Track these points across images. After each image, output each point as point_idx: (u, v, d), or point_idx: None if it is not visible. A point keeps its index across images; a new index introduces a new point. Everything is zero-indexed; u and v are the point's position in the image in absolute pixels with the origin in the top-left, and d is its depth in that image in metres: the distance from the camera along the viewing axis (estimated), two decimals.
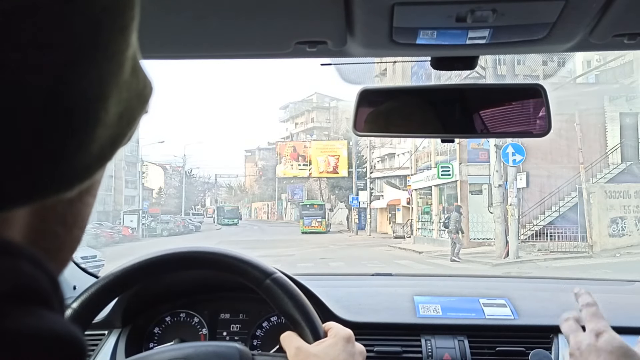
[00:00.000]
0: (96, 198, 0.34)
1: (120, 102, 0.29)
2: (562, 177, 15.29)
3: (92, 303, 0.86)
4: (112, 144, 0.30)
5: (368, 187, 26.76)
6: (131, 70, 0.30)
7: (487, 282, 1.67)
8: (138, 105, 0.31)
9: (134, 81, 0.30)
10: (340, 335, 0.80)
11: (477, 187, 16.35)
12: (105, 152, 0.29)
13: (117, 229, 24.51)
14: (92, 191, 0.33)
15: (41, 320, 0.25)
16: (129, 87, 0.30)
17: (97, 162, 0.29)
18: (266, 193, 48.83)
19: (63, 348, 0.25)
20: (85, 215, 0.33)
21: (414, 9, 0.65)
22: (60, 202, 0.29)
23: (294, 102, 50.21)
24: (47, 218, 0.30)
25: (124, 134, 0.31)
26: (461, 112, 0.93)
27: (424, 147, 19.90)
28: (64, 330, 0.25)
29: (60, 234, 0.31)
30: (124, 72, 0.29)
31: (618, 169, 15.36)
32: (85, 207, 0.33)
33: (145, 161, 38.87)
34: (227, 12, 0.69)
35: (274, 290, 0.84)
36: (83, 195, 0.32)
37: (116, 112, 0.29)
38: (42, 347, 0.24)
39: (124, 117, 0.30)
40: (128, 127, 0.31)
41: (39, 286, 0.26)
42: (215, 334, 1.26)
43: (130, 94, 0.30)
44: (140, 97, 0.31)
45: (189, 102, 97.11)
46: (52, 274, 0.27)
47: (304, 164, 30.74)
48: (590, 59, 19.45)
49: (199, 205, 49.86)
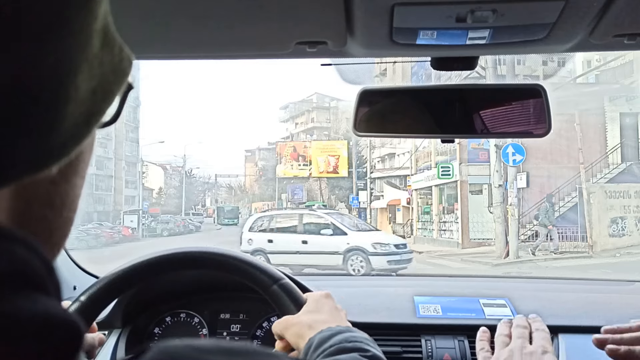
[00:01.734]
0: (85, 179, 0.33)
1: (93, 78, 0.28)
2: (562, 177, 15.28)
3: (93, 302, 0.86)
4: (88, 120, 0.29)
5: (368, 187, 26.76)
6: (102, 44, 0.29)
7: (487, 282, 1.67)
8: (115, 80, 0.31)
9: (106, 55, 0.29)
10: (317, 294, 0.84)
11: (477, 187, 16.34)
12: (80, 129, 0.29)
13: (117, 229, 24.48)
14: (79, 171, 0.32)
15: (36, 304, 0.24)
16: (101, 61, 0.29)
17: (73, 140, 0.28)
18: (266, 193, 48.79)
19: (59, 332, 0.25)
20: (74, 196, 0.32)
21: (414, 9, 0.65)
22: (41, 182, 0.29)
23: (294, 102, 50.19)
24: (31, 200, 0.29)
25: (99, 110, 0.30)
26: (461, 113, 0.93)
27: (424, 147, 19.90)
28: (59, 314, 0.25)
29: (49, 217, 0.30)
30: (93, 45, 0.28)
31: (618, 169, 15.36)
32: (73, 188, 0.32)
33: (145, 161, 38.86)
34: (227, 13, 0.69)
35: (281, 296, 0.85)
36: (68, 175, 0.31)
37: (88, 88, 0.28)
38: (37, 331, 0.24)
39: (98, 92, 0.29)
40: (104, 102, 0.30)
41: (33, 270, 0.25)
42: (215, 334, 1.26)
43: (103, 69, 0.29)
44: (116, 72, 0.31)
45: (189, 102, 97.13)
46: (46, 258, 0.26)
47: (304, 164, 30.73)
48: (590, 59, 19.44)
49: (199, 205, 49.84)
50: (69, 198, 0.32)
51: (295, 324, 0.77)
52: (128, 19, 0.69)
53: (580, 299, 1.38)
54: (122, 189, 36.02)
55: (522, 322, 0.84)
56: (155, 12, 0.69)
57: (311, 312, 0.79)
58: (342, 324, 0.77)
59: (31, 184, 0.28)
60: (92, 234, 20.27)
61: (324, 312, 0.79)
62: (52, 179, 0.29)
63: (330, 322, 0.76)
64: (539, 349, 0.77)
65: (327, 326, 0.74)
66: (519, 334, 0.80)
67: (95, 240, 19.62)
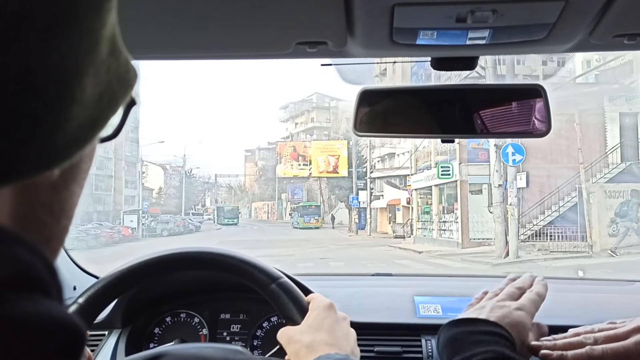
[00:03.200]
0: (83, 189, 0.33)
1: (99, 83, 0.29)
2: (562, 177, 15.28)
3: (93, 303, 0.86)
4: (92, 125, 0.29)
5: (368, 187, 26.77)
6: (109, 51, 0.29)
7: (487, 282, 1.67)
8: (120, 89, 0.31)
9: (113, 63, 0.30)
10: (320, 306, 0.82)
11: (477, 187, 16.33)
12: (84, 132, 0.29)
13: (117, 229, 24.47)
14: (78, 180, 0.32)
15: (39, 306, 0.25)
16: (107, 68, 0.29)
17: (76, 143, 0.28)
18: (266, 193, 48.80)
19: (61, 334, 0.25)
20: (72, 204, 0.33)
21: (414, 9, 0.65)
22: (43, 187, 0.29)
23: (294, 102, 50.17)
24: (32, 204, 0.29)
25: (104, 116, 0.30)
26: (461, 113, 0.93)
27: (424, 147, 19.90)
28: (62, 317, 0.25)
29: (48, 223, 0.31)
30: (101, 51, 0.28)
31: (618, 168, 15.35)
32: (72, 195, 0.32)
33: (145, 161, 38.86)
34: (227, 13, 0.69)
35: (280, 295, 0.85)
36: (68, 182, 0.31)
37: (95, 92, 0.28)
38: (40, 334, 0.24)
39: (104, 98, 0.29)
40: (109, 109, 0.30)
41: (36, 273, 0.26)
42: (215, 334, 1.26)
43: (110, 76, 0.30)
44: (122, 81, 0.31)
45: (189, 102, 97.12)
46: (48, 261, 0.27)
47: (304, 163, 30.76)
48: (590, 59, 19.43)
49: (199, 205, 49.83)
50: (67, 205, 0.32)
51: (296, 342, 0.76)
52: (128, 19, 0.69)
53: (580, 299, 1.38)
54: (122, 189, 36.00)
55: (520, 282, 0.86)
56: (156, 13, 0.69)
57: (312, 327, 0.78)
58: (341, 346, 0.76)
59: (33, 188, 0.28)
60: (91, 234, 20.26)
61: (324, 329, 0.77)
62: (53, 183, 0.30)
63: (331, 344, 0.75)
64: (514, 305, 0.78)
65: (327, 351, 0.73)
66: (508, 290, 0.83)
67: (95, 240, 19.62)
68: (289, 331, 0.80)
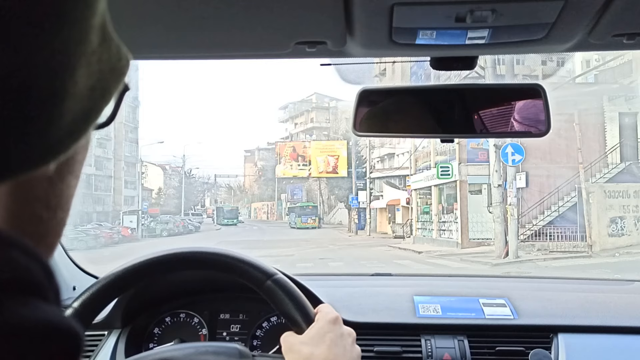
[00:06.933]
0: (79, 180, 0.33)
1: (92, 75, 0.28)
2: (562, 177, 15.28)
3: (92, 303, 0.86)
4: (86, 117, 0.29)
5: (367, 187, 26.77)
6: (100, 40, 0.29)
7: (486, 282, 1.67)
8: (112, 79, 0.31)
9: (105, 52, 0.29)
10: (326, 318, 0.80)
11: (476, 187, 16.33)
12: (78, 125, 0.28)
13: (116, 229, 24.45)
14: (74, 171, 0.32)
15: (36, 311, 0.24)
16: (99, 58, 0.29)
17: (71, 136, 0.28)
18: (266, 193, 48.80)
19: (59, 339, 0.25)
20: (69, 196, 0.32)
21: (414, 9, 0.65)
22: (39, 181, 0.29)
23: (294, 103, 50.17)
24: (28, 200, 0.29)
25: (97, 108, 0.30)
26: (461, 112, 0.93)
27: (423, 147, 19.90)
28: (60, 322, 0.25)
29: (44, 217, 0.30)
30: (91, 41, 0.28)
31: (617, 168, 15.36)
32: (68, 188, 0.32)
33: (144, 161, 38.79)
34: (226, 13, 0.69)
35: (275, 291, 0.84)
36: (64, 175, 0.31)
37: (87, 84, 0.28)
38: (38, 338, 0.24)
39: (97, 90, 0.29)
40: (102, 101, 0.30)
41: (33, 277, 0.25)
42: (215, 334, 1.26)
43: (102, 66, 0.29)
44: (114, 70, 0.31)
45: (189, 102, 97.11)
46: (45, 264, 0.26)
47: (304, 164, 30.75)
48: (589, 59, 19.45)
49: (198, 206, 49.80)
50: (64, 198, 0.32)
51: (295, 352, 0.76)
52: (128, 19, 0.69)
53: (579, 298, 1.38)
54: (121, 190, 35.98)
55: None
56: (156, 13, 0.69)
57: (313, 340, 0.77)
58: None
59: (29, 183, 0.28)
60: (91, 235, 20.23)
61: (325, 343, 0.76)
62: (49, 177, 0.29)
63: None
64: None
65: None
66: None
67: (94, 241, 19.60)
68: (291, 338, 0.79)
